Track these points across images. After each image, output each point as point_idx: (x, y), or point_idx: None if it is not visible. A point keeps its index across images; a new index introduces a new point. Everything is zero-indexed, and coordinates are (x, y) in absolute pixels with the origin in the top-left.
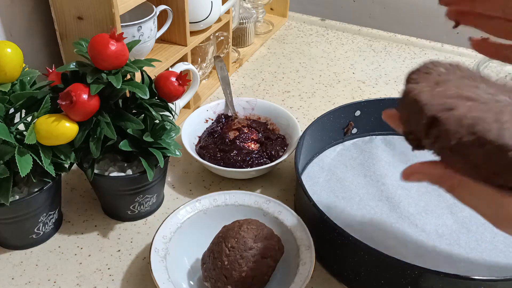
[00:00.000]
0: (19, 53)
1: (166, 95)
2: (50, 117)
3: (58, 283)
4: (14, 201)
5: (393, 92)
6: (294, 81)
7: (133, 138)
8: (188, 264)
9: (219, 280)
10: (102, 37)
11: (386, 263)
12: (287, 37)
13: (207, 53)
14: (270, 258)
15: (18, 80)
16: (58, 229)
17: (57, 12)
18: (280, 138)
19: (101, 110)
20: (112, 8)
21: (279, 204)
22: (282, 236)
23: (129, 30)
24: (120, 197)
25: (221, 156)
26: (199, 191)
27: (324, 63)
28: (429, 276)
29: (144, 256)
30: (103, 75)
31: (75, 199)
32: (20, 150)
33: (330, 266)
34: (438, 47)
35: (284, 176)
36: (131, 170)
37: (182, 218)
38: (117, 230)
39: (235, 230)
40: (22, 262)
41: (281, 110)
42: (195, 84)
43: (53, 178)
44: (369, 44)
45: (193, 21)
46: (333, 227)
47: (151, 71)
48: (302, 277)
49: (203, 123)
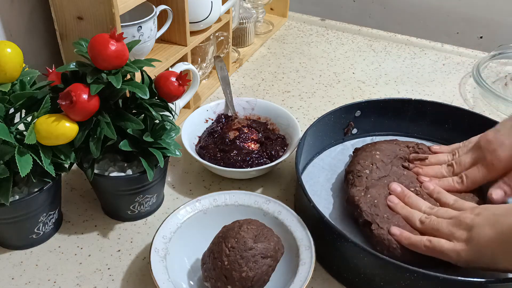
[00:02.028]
0: (19, 53)
1: (166, 95)
2: (50, 117)
3: (58, 283)
4: (14, 201)
5: (393, 92)
6: (294, 81)
7: (133, 138)
8: (188, 264)
9: (219, 280)
10: (102, 37)
11: (385, 265)
12: (287, 37)
13: (207, 53)
14: (270, 258)
15: (18, 80)
16: (58, 229)
17: (57, 12)
18: (280, 138)
19: (101, 110)
20: (112, 8)
21: (279, 204)
22: (282, 236)
23: (129, 30)
24: (120, 197)
25: (221, 156)
26: (199, 191)
27: (324, 63)
28: (428, 279)
29: (144, 256)
30: (103, 75)
31: (75, 199)
32: (20, 150)
33: (330, 266)
34: (438, 47)
35: (284, 176)
36: (131, 170)
37: (182, 218)
38: (117, 230)
39: (235, 230)
40: (22, 262)
41: (281, 110)
42: (195, 84)
43: (53, 178)
44: (369, 44)
45: (193, 21)
46: (333, 228)
47: (151, 71)
48: (302, 277)
49: (203, 123)
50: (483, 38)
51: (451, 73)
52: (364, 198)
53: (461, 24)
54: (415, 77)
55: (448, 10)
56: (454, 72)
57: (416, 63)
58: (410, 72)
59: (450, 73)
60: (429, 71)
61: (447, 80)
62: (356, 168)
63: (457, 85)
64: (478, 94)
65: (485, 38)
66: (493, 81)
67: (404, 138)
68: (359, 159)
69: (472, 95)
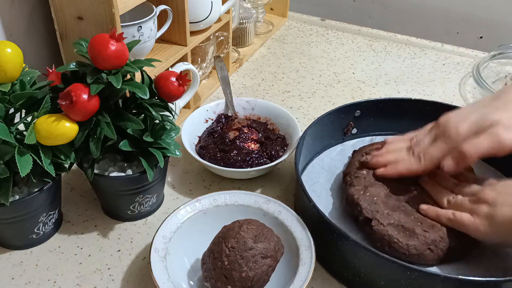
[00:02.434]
0: (19, 53)
1: (166, 95)
2: (50, 117)
3: (58, 283)
4: (14, 201)
5: (393, 92)
6: (294, 81)
7: (133, 138)
8: (188, 264)
9: (219, 280)
10: (102, 37)
11: (385, 264)
12: (287, 37)
13: (207, 53)
14: (270, 258)
15: (18, 80)
16: (58, 229)
17: (57, 12)
18: (280, 138)
19: (101, 110)
20: (112, 8)
21: (279, 204)
22: (282, 236)
23: (129, 30)
24: (120, 197)
25: (221, 156)
26: (199, 191)
27: (324, 63)
28: (428, 278)
29: (144, 256)
30: (103, 75)
31: (75, 199)
32: (20, 150)
33: (330, 266)
34: (438, 47)
35: (284, 176)
36: (131, 170)
37: (182, 218)
38: (117, 230)
39: (235, 230)
40: (22, 262)
41: (281, 110)
42: (195, 84)
43: (53, 178)
44: (369, 44)
45: (193, 21)
46: (333, 228)
47: (151, 71)
48: (302, 277)
49: (203, 123)
50: (483, 38)
51: (451, 73)
52: (363, 196)
53: (461, 24)
54: (415, 77)
55: (448, 10)
56: (454, 72)
57: (416, 63)
58: (410, 72)
59: (450, 73)
60: (429, 71)
61: (447, 80)
62: (353, 170)
63: (457, 85)
64: (478, 94)
65: (485, 38)
66: (493, 81)
67: None
68: (356, 160)
69: (472, 95)
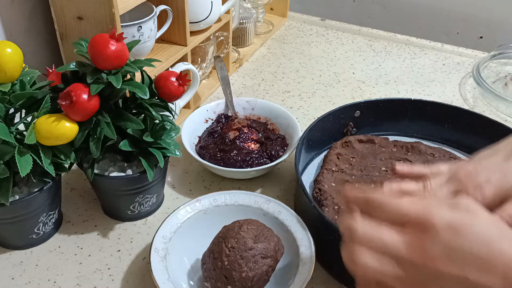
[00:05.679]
0: (19, 53)
1: (166, 95)
2: (50, 117)
3: (58, 283)
4: (14, 201)
5: (393, 92)
6: (294, 81)
7: (133, 138)
8: (188, 264)
9: (219, 280)
10: (102, 37)
11: None
12: (287, 37)
13: (207, 53)
14: (270, 258)
15: (18, 80)
16: (58, 229)
17: (57, 12)
18: (280, 138)
19: (101, 110)
20: (112, 8)
21: (279, 204)
22: (282, 236)
23: (129, 30)
24: (120, 197)
25: (221, 156)
26: (199, 191)
27: (324, 63)
28: None
29: (144, 256)
30: (103, 75)
31: (75, 199)
32: (20, 150)
33: (330, 266)
34: (438, 47)
35: (284, 176)
36: (131, 170)
37: (182, 218)
38: (117, 230)
39: (235, 230)
40: (22, 262)
41: (281, 110)
42: (195, 84)
43: (53, 178)
44: (369, 44)
45: (193, 21)
46: (333, 228)
47: (151, 71)
48: (302, 277)
49: (203, 123)
50: (483, 38)
51: (451, 73)
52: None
53: (461, 24)
54: (415, 77)
55: (448, 10)
56: (454, 72)
57: (416, 63)
58: (410, 72)
59: (450, 73)
60: (429, 71)
61: (447, 80)
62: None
63: (457, 85)
64: (478, 94)
65: (485, 38)
66: (493, 81)
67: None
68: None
69: (472, 95)
